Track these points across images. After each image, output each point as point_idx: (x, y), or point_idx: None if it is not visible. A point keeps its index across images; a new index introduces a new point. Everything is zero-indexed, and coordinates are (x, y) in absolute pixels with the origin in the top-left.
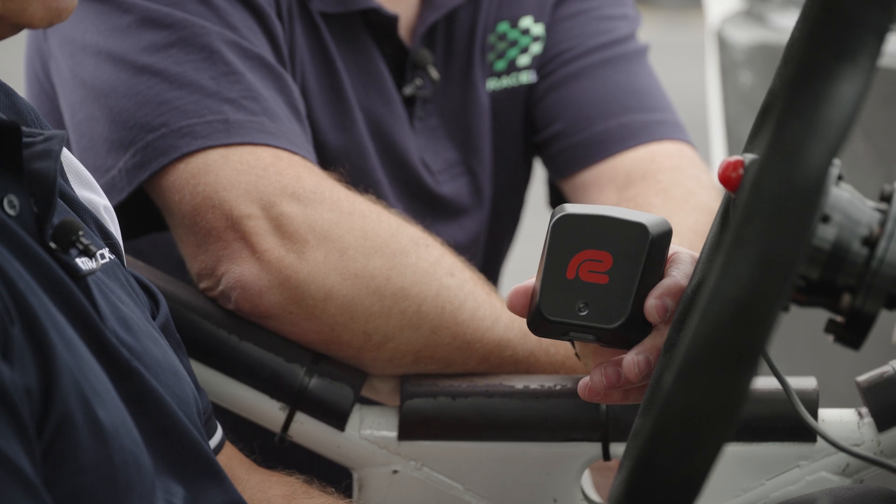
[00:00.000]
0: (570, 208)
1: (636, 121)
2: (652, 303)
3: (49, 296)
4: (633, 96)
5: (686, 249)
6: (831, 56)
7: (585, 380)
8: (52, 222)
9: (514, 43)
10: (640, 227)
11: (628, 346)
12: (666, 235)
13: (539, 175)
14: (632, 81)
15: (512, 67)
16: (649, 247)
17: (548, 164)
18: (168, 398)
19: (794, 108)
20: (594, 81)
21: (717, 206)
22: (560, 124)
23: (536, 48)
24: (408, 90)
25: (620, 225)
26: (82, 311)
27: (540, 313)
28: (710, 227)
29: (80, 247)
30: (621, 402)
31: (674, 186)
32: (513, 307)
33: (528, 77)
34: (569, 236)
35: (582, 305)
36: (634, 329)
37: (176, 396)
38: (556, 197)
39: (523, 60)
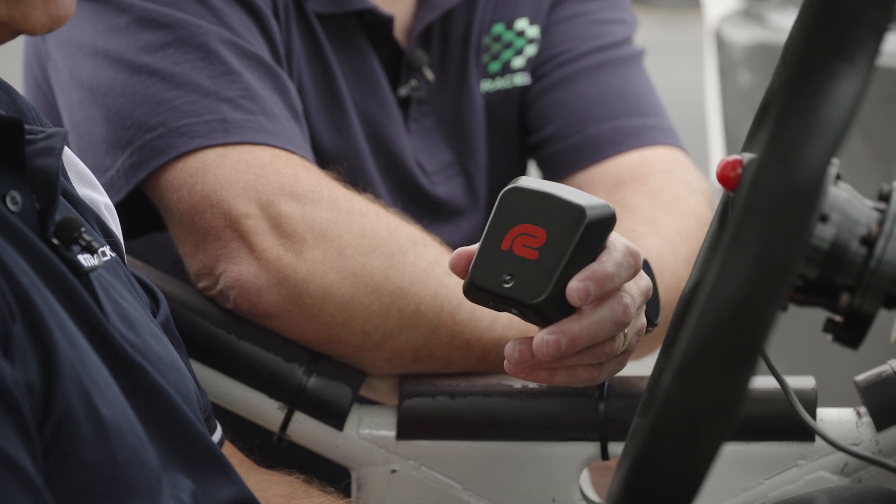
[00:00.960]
0: (523, 181)
1: (629, 125)
2: (574, 285)
3: (52, 291)
4: (626, 100)
5: (623, 238)
6: (830, 55)
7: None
8: (54, 219)
9: (508, 45)
10: (577, 209)
11: (547, 324)
12: (605, 221)
13: (534, 175)
14: (626, 86)
15: (506, 69)
16: (583, 230)
17: (541, 167)
18: (172, 393)
19: (792, 108)
20: (588, 85)
21: (705, 212)
22: (553, 127)
23: (531, 50)
24: (403, 91)
25: (561, 204)
26: (85, 307)
27: (470, 278)
28: (695, 230)
29: (83, 243)
30: (547, 381)
31: (662, 190)
32: (454, 268)
33: (522, 79)
34: (513, 208)
35: (508, 277)
36: (554, 309)
37: (179, 392)
38: None
39: (518, 62)
